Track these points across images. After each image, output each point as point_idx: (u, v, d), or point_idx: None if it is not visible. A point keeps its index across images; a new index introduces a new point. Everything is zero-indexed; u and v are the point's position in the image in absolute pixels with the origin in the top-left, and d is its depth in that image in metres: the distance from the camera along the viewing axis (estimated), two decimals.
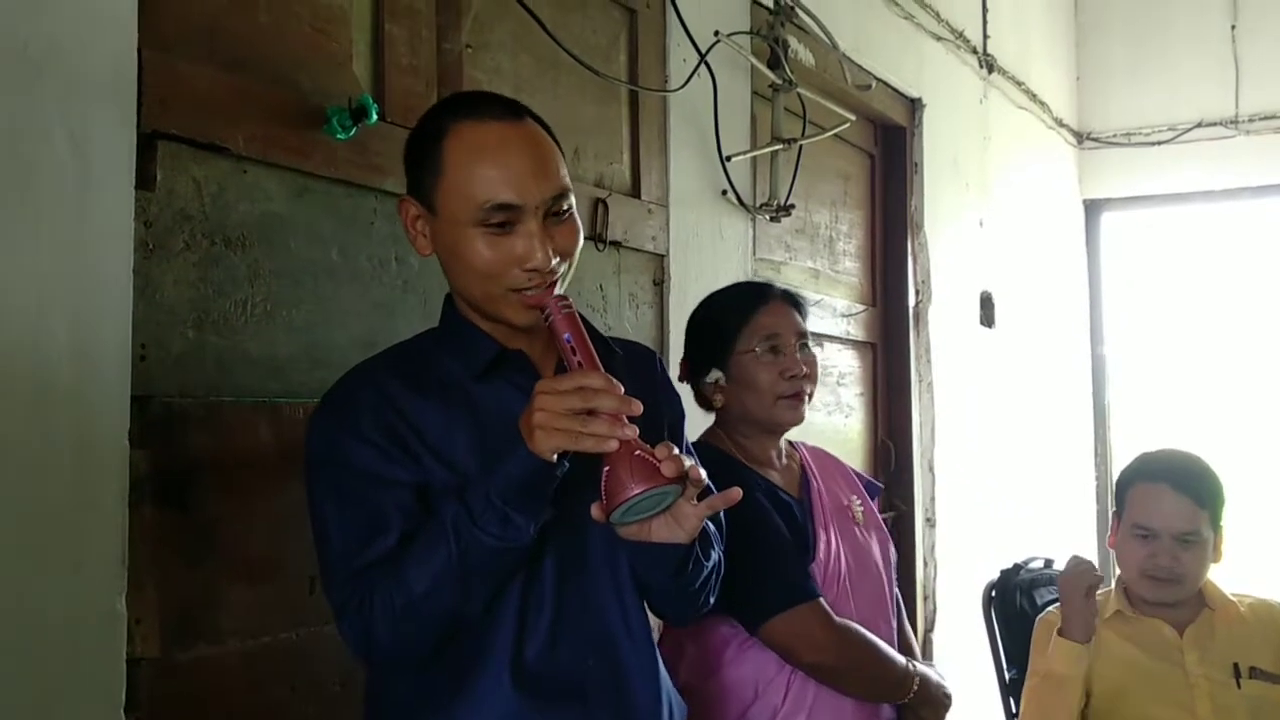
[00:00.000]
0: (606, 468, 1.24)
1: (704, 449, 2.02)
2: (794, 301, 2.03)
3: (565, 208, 1.37)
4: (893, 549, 2.11)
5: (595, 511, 1.27)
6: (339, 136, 1.81)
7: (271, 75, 1.78)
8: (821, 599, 1.88)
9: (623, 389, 1.23)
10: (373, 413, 1.34)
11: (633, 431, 1.22)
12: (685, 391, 1.95)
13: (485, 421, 1.37)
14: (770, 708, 1.88)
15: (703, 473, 1.29)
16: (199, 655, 1.64)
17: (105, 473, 1.49)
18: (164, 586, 1.58)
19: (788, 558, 1.89)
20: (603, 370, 1.26)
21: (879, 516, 2.12)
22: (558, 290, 1.37)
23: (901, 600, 2.13)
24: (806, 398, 1.99)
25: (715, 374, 2.00)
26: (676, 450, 1.25)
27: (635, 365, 1.54)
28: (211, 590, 1.66)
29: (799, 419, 2.00)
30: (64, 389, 1.44)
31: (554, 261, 1.35)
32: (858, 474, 2.18)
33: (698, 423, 2.08)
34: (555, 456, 1.24)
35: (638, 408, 1.23)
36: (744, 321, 1.98)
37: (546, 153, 1.38)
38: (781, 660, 1.88)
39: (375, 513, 1.32)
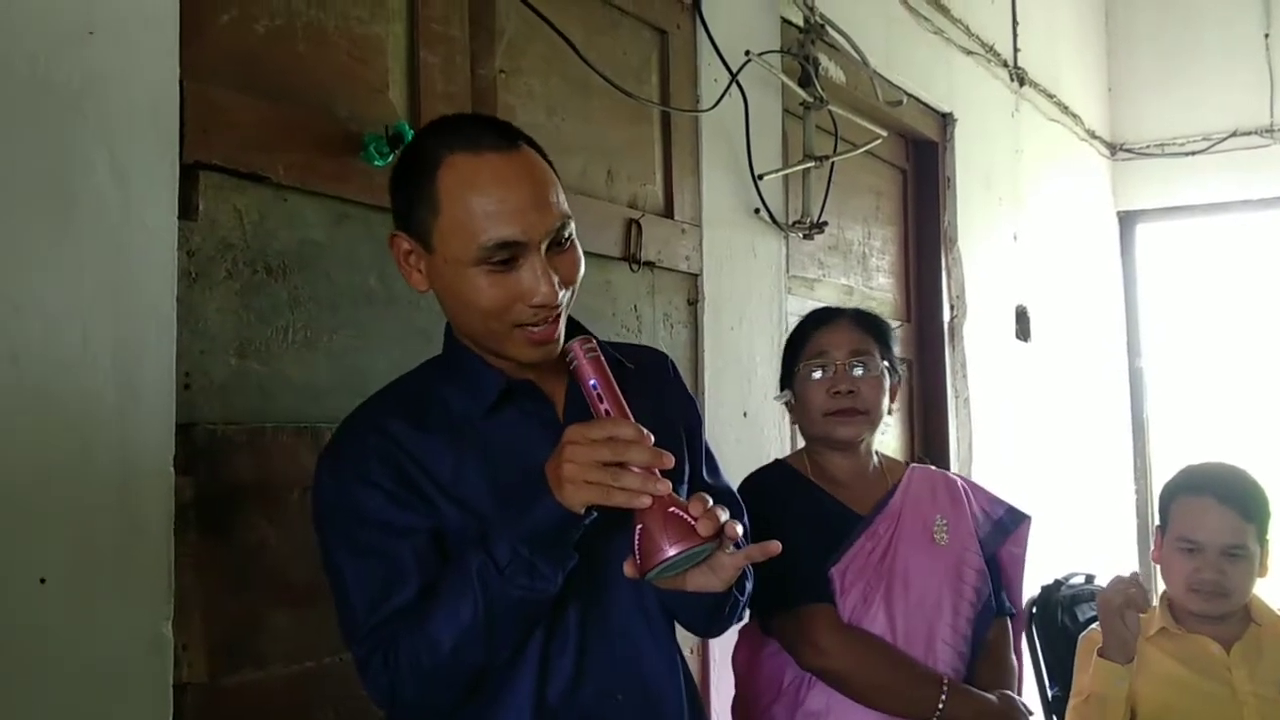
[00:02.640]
0: (639, 525, 1.21)
1: (773, 466, 2.11)
2: (864, 321, 2.06)
3: (566, 236, 1.33)
4: (985, 576, 2.06)
5: (629, 570, 1.23)
6: (376, 163, 1.83)
7: (310, 104, 1.81)
8: (834, 606, 1.90)
9: (653, 439, 1.19)
10: (380, 458, 1.31)
11: (665, 487, 1.18)
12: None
13: (497, 455, 1.34)
14: (794, 702, 1.93)
15: (739, 527, 1.24)
16: (244, 680, 1.65)
17: (151, 500, 1.50)
18: (209, 612, 1.60)
19: (799, 561, 1.88)
20: (632, 419, 1.22)
21: (976, 544, 2.07)
22: (563, 321, 1.34)
23: (1004, 627, 2.09)
24: (861, 414, 2.00)
25: (785, 394, 2.09)
26: (711, 502, 1.22)
27: (648, 372, 1.51)
28: (256, 615, 1.67)
29: (850, 434, 2.02)
30: (110, 417, 1.46)
31: (561, 293, 1.31)
32: (995, 502, 2.16)
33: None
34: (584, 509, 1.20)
35: (669, 461, 1.19)
36: (804, 343, 2.06)
37: (545, 182, 1.32)
38: None
39: (392, 563, 1.29)
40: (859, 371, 2.00)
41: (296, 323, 1.77)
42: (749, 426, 2.84)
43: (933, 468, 2.19)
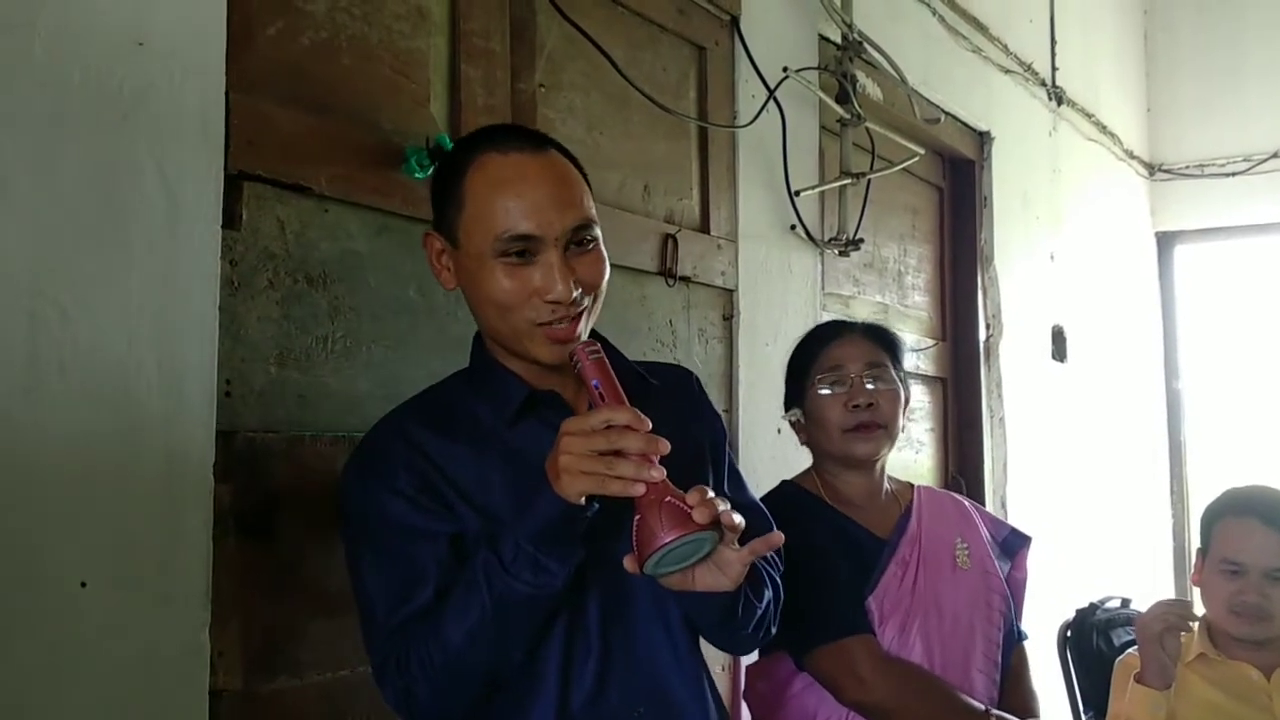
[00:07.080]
0: (637, 516, 1.20)
1: (786, 486, 2.02)
2: (876, 334, 2.01)
3: (589, 238, 1.34)
4: (1007, 599, 2.02)
5: (628, 563, 1.22)
6: (417, 175, 1.84)
7: (353, 117, 1.82)
8: (873, 636, 1.85)
9: (650, 425, 1.19)
10: (405, 465, 1.33)
11: (660, 474, 1.18)
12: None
13: (520, 465, 1.34)
14: None
15: (738, 518, 1.23)
16: (279, 688, 1.65)
17: (191, 506, 1.51)
18: (246, 619, 1.60)
19: (837, 591, 1.86)
20: (630, 408, 1.21)
21: (995, 565, 2.04)
22: (585, 324, 1.35)
23: (1025, 653, 2.06)
24: (880, 429, 1.95)
25: (794, 412, 2.02)
26: (710, 494, 1.21)
27: (672, 389, 1.51)
28: (292, 623, 1.68)
29: (871, 451, 1.96)
30: (153, 424, 1.47)
31: (576, 293, 1.32)
32: (998, 524, 2.13)
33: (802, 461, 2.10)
34: (583, 499, 1.20)
35: (665, 447, 1.19)
36: (814, 358, 1.99)
37: (568, 182, 1.35)
38: None
39: (411, 567, 1.30)
40: (874, 385, 1.94)
41: (336, 332, 1.78)
42: (782, 443, 2.82)
43: (936, 488, 2.15)
